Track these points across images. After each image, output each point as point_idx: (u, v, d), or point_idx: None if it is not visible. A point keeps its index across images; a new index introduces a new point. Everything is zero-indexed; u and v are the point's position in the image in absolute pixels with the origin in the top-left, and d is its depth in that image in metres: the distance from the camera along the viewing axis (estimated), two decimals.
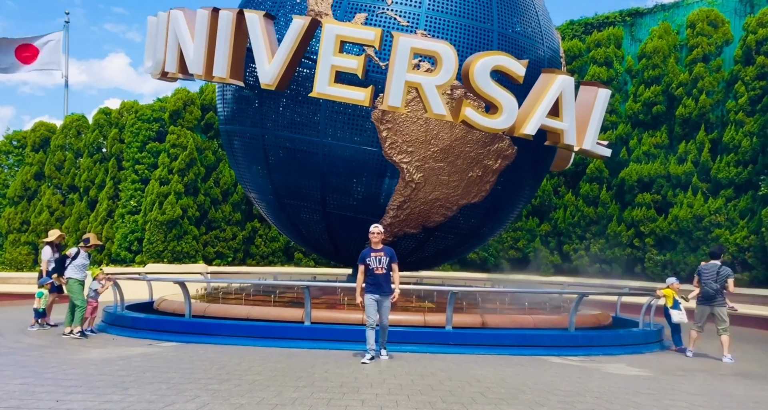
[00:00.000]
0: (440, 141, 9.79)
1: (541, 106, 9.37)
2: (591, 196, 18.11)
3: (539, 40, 10.74)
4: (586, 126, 9.99)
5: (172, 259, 18.89)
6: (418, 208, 10.35)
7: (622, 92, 18.52)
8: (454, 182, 10.17)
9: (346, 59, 8.95)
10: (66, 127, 22.05)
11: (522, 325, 9.53)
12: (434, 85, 8.84)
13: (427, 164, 9.92)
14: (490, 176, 10.34)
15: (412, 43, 8.84)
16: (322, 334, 8.83)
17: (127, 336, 9.54)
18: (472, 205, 10.69)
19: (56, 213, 21.23)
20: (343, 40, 8.96)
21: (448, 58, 8.75)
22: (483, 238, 12.29)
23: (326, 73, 8.92)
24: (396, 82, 8.87)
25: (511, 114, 9.16)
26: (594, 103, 10.06)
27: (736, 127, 15.63)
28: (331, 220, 10.82)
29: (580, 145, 10.06)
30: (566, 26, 19.99)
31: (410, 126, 9.69)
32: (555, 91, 9.41)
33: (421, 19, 9.65)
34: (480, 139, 9.94)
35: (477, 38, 9.80)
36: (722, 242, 15.18)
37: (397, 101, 8.94)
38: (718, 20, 16.75)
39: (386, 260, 7.83)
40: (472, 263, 19.80)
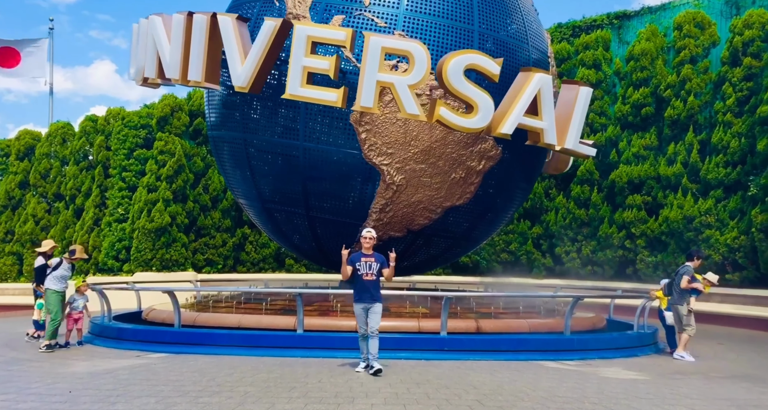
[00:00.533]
0: (420, 142, 9.65)
1: (518, 105, 9.25)
2: (582, 198, 18.11)
3: (523, 40, 10.58)
4: (567, 125, 9.84)
5: (160, 267, 18.63)
6: (401, 211, 10.21)
7: (611, 94, 18.57)
8: (436, 184, 10.03)
9: (317, 60, 8.87)
10: (51, 134, 21.74)
11: (517, 330, 9.44)
12: (407, 84, 8.75)
13: (408, 166, 9.78)
14: (474, 178, 10.20)
15: (383, 43, 8.76)
16: (315, 342, 8.68)
17: (115, 347, 9.31)
18: (461, 208, 10.56)
19: (42, 222, 20.89)
20: (314, 42, 8.89)
21: (420, 58, 8.67)
22: (475, 242, 12.17)
23: (298, 75, 8.85)
24: (368, 82, 8.77)
25: (487, 113, 9.03)
26: (575, 102, 9.89)
27: (725, 128, 15.71)
28: (315, 225, 10.72)
29: (562, 145, 9.90)
30: (554, 29, 20.04)
31: (389, 127, 9.55)
32: (532, 90, 9.29)
33: (399, 20, 9.57)
34: (461, 139, 9.79)
35: (457, 38, 9.66)
36: (713, 242, 15.23)
37: (370, 101, 8.83)
38: (705, 22, 16.86)
39: (376, 266, 7.45)
40: (465, 267, 19.72)
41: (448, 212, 10.54)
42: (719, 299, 14.92)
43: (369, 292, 7.38)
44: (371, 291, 7.40)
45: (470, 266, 19.74)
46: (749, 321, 13.72)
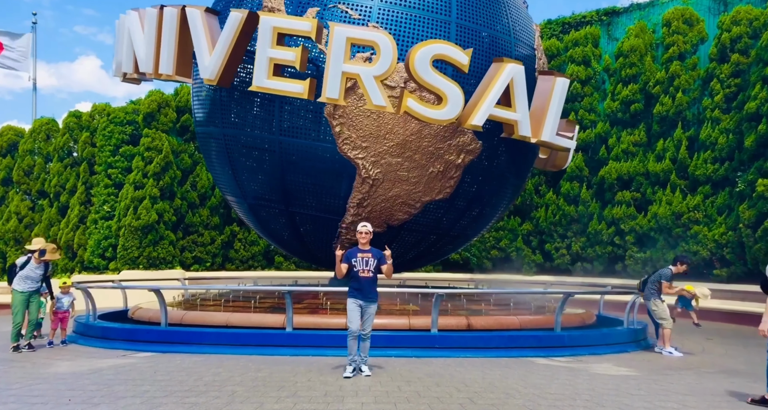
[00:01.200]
0: (395, 135, 9.51)
1: (489, 96, 9.11)
2: (572, 195, 18.13)
3: (505, 32, 10.33)
4: (544, 117, 9.65)
5: (147, 265, 18.40)
6: (379, 206, 10.06)
7: (600, 91, 18.60)
8: (414, 178, 9.87)
9: (283, 51, 8.77)
10: (35, 131, 21.37)
11: (508, 327, 9.39)
12: (373, 75, 8.64)
13: (384, 159, 9.64)
14: (454, 172, 10.03)
15: (348, 33, 8.66)
16: (305, 340, 8.58)
17: (100, 347, 9.15)
18: (442, 203, 10.39)
19: (25, 219, 20.54)
20: (280, 33, 8.78)
21: (386, 48, 8.57)
22: (462, 238, 11.97)
23: (264, 66, 8.78)
24: (333, 74, 8.67)
25: (456, 105, 8.91)
26: (551, 93, 9.68)
27: (713, 125, 15.77)
28: (295, 220, 10.65)
29: (538, 137, 9.70)
30: (544, 25, 20.02)
31: (363, 120, 9.41)
32: (503, 80, 9.12)
33: (374, 12, 9.43)
34: (438, 133, 9.63)
35: (433, 30, 9.48)
36: (701, 238, 15.30)
37: (335, 93, 8.75)
38: (693, 19, 16.91)
39: (374, 262, 7.10)
40: (455, 264, 19.68)
41: (428, 207, 10.35)
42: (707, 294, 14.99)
43: (366, 290, 7.08)
44: (368, 289, 7.10)
45: (460, 263, 19.71)
46: (737, 316, 13.80)
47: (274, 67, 8.81)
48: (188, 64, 9.60)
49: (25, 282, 8.98)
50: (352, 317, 7.09)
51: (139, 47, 9.80)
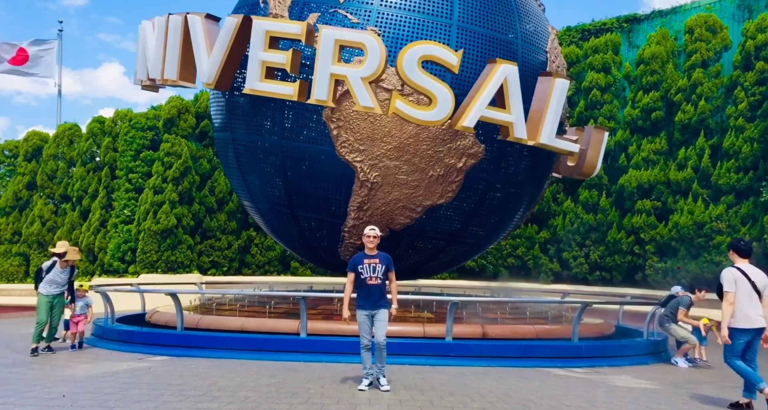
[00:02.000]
0: (393, 138, 9.41)
1: (481, 97, 8.93)
2: (590, 203, 17.91)
3: (511, 34, 10.03)
4: (542, 119, 9.42)
5: (166, 269, 18.58)
6: (379, 210, 9.96)
7: (621, 98, 18.39)
8: (414, 182, 9.74)
9: (275, 54, 8.88)
10: (59, 136, 21.79)
11: (524, 336, 9.28)
12: (360, 76, 8.63)
13: (382, 163, 9.55)
14: (455, 176, 9.82)
15: (336, 35, 8.68)
16: (319, 347, 8.57)
17: (117, 350, 9.24)
18: (446, 207, 10.17)
19: (48, 223, 20.91)
20: (273, 36, 8.91)
21: (374, 49, 8.56)
22: (472, 245, 11.58)
23: (256, 69, 8.93)
24: (321, 75, 8.71)
25: (445, 106, 8.78)
26: (550, 94, 9.42)
27: (737, 133, 15.49)
28: (300, 224, 10.73)
29: (535, 140, 9.45)
30: (563, 33, 19.88)
31: (360, 123, 9.37)
32: (496, 81, 8.93)
33: (373, 16, 9.41)
34: (436, 135, 9.47)
35: (433, 33, 9.36)
36: (724, 249, 14.98)
37: (323, 94, 8.78)
38: (717, 26, 16.66)
39: (381, 268, 6.73)
40: (471, 271, 19.54)
41: (439, 213, 10.16)
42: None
43: (373, 298, 6.69)
44: (376, 296, 6.70)
45: (476, 270, 19.57)
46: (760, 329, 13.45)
47: (267, 70, 8.97)
48: (192, 70, 9.89)
49: (50, 286, 9.09)
50: (363, 330, 6.73)
51: (149, 54, 10.16)
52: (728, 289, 6.25)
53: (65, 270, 9.21)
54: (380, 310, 6.69)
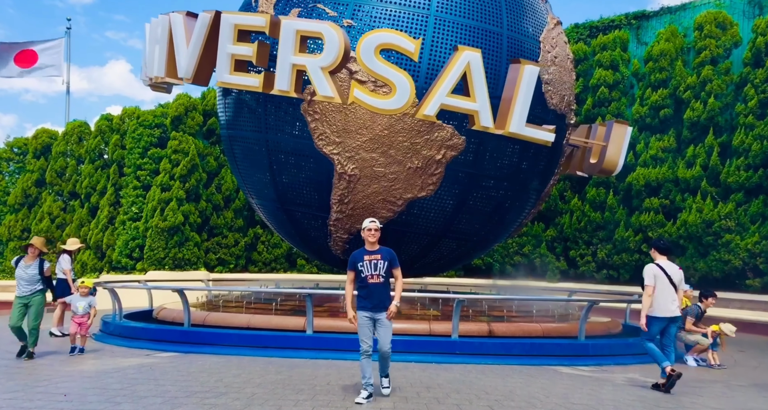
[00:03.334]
0: (367, 130, 9.39)
1: (441, 86, 8.83)
2: (597, 201, 17.82)
3: (495, 24, 9.75)
4: (511, 106, 9.21)
5: (173, 266, 18.66)
6: (361, 203, 9.93)
7: (629, 96, 18.26)
8: (392, 174, 9.66)
9: (242, 47, 9.01)
10: (67, 133, 21.90)
11: (530, 334, 9.25)
12: (319, 66, 8.65)
13: (359, 155, 9.54)
14: (435, 168, 9.67)
15: (296, 26, 8.74)
16: (325, 344, 8.58)
17: (125, 346, 9.29)
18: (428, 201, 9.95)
19: (57, 220, 21.03)
20: (240, 29, 9.01)
21: (332, 39, 8.55)
22: (470, 243, 11.29)
23: (225, 62, 9.08)
24: (283, 65, 8.77)
25: (404, 94, 8.71)
26: (519, 81, 9.18)
27: (746, 131, 15.34)
28: (292, 218, 10.87)
29: (504, 128, 9.22)
30: (571, 29, 19.77)
31: (336, 115, 9.40)
32: (458, 69, 8.77)
33: (350, 9, 9.53)
34: (412, 127, 9.36)
35: (409, 24, 9.33)
36: (733, 247, 14.88)
37: (285, 84, 8.83)
38: (726, 22, 16.50)
39: (384, 265, 6.15)
40: (477, 269, 19.51)
41: (412, 205, 9.96)
42: (739, 305, 14.58)
43: (376, 298, 6.09)
44: (379, 296, 6.10)
45: (483, 268, 19.53)
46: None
47: (237, 63, 9.10)
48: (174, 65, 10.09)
49: (20, 285, 8.18)
50: (363, 333, 6.12)
51: (146, 53, 10.47)
52: (648, 283, 7.19)
53: (31, 265, 8.25)
54: (384, 313, 6.13)
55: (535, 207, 11.65)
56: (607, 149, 11.78)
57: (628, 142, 12.17)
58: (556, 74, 10.18)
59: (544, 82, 9.91)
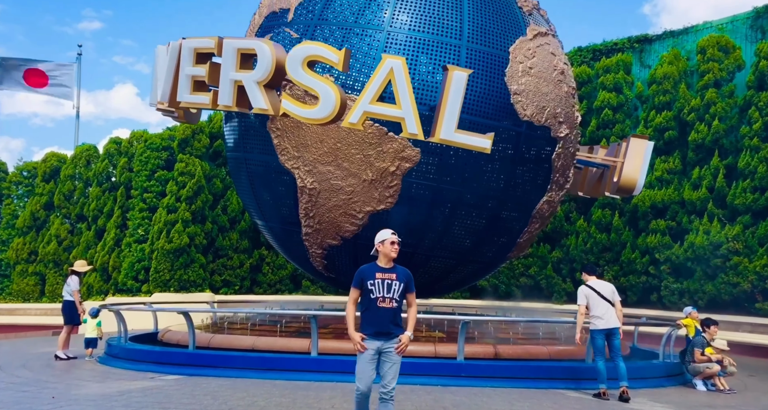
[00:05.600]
0: (323, 143, 9.61)
1: (365, 94, 8.89)
2: (603, 223, 17.77)
3: (454, 36, 9.71)
4: (440, 113, 9.02)
5: (178, 288, 18.66)
6: (325, 216, 10.01)
7: (633, 118, 18.36)
8: (349, 187, 9.73)
9: (198, 68, 9.41)
10: (76, 157, 22.14)
11: (536, 356, 9.17)
12: (253, 80, 8.94)
13: (316, 168, 9.72)
14: (390, 180, 9.63)
15: (236, 44, 9.11)
16: (330, 366, 8.53)
17: (129, 369, 9.26)
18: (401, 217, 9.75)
19: (64, 242, 21.14)
20: (199, 53, 9.42)
21: (263, 54, 8.87)
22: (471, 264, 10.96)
23: (185, 83, 9.50)
24: (224, 81, 9.14)
25: (328, 103, 8.75)
26: (447, 87, 8.99)
27: (752, 153, 15.35)
28: (274, 235, 11.27)
29: (436, 135, 9.02)
30: (574, 52, 19.99)
31: (294, 130, 9.74)
32: (381, 76, 8.79)
33: (310, 30, 10.04)
34: (363, 139, 9.45)
35: (363, 41, 9.68)
36: (741, 270, 14.75)
37: (227, 99, 9.12)
38: (729, 46, 16.64)
39: (399, 288, 5.19)
40: (483, 290, 19.40)
41: (374, 218, 9.81)
42: (750, 329, 14.40)
43: (385, 326, 5.13)
44: (389, 323, 5.14)
45: (489, 289, 19.42)
46: None
47: (195, 83, 9.48)
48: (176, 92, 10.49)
49: None
50: (363, 370, 5.14)
51: (153, 81, 10.97)
52: (580, 303, 8.12)
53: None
54: (393, 344, 5.15)
55: (529, 227, 10.89)
56: (624, 166, 11.28)
57: (648, 158, 11.62)
58: (530, 85, 9.88)
59: (512, 92, 9.69)
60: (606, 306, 7.98)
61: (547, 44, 10.53)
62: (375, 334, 5.12)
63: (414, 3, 9.94)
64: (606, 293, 8.02)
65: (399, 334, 5.17)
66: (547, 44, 10.55)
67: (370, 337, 5.13)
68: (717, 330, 9.53)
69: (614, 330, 7.96)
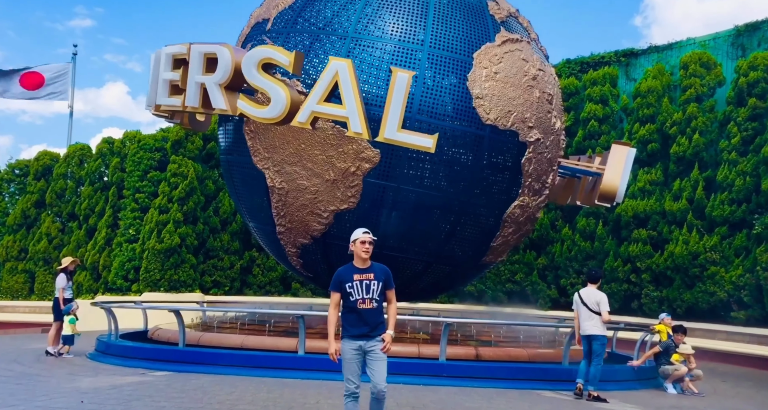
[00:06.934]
0: (289, 144, 10.03)
1: (312, 94, 9.18)
2: (588, 231, 18.20)
3: (415, 42, 10.02)
4: (385, 113, 9.21)
5: (168, 288, 18.83)
6: (295, 216, 10.37)
7: (618, 129, 18.83)
8: (313, 187, 10.07)
9: (173, 73, 9.83)
10: (69, 155, 22.28)
11: (516, 358, 9.50)
12: (213, 82, 9.35)
13: (284, 168, 10.14)
14: (352, 180, 9.91)
15: (200, 49, 9.50)
16: (316, 364, 8.80)
17: (120, 365, 9.48)
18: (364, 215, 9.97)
19: (55, 241, 21.26)
20: (175, 58, 9.82)
21: (224, 57, 9.27)
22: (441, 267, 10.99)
23: (163, 87, 9.90)
24: (191, 84, 9.55)
25: (278, 103, 9.08)
26: (391, 88, 9.19)
27: (730, 167, 15.84)
28: (261, 235, 11.72)
29: (380, 135, 9.19)
30: (563, 64, 20.47)
31: (265, 132, 10.19)
32: (328, 77, 9.07)
33: (282, 37, 10.62)
34: (324, 140, 9.79)
35: (329, 47, 10.11)
36: (718, 279, 15.20)
37: (194, 101, 9.51)
38: (711, 62, 17.17)
39: (378, 287, 5.19)
40: (470, 295, 19.75)
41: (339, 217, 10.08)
42: (724, 337, 14.83)
43: (366, 327, 5.15)
44: (371, 323, 5.16)
45: (475, 294, 19.77)
46: (754, 360, 13.61)
47: (172, 87, 9.88)
48: None
49: None
50: (350, 370, 5.19)
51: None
52: (574, 309, 8.74)
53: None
54: (377, 343, 5.16)
55: (502, 231, 10.70)
56: (605, 172, 11.19)
57: (630, 165, 11.45)
58: (494, 90, 9.98)
59: (474, 96, 9.85)
60: (588, 314, 8.45)
61: (518, 50, 10.56)
62: (357, 336, 5.16)
63: (381, 12, 10.27)
64: (590, 303, 8.49)
65: (381, 333, 5.21)
66: (519, 50, 10.56)
67: (352, 338, 5.17)
68: (683, 338, 9.89)
69: (591, 336, 8.46)
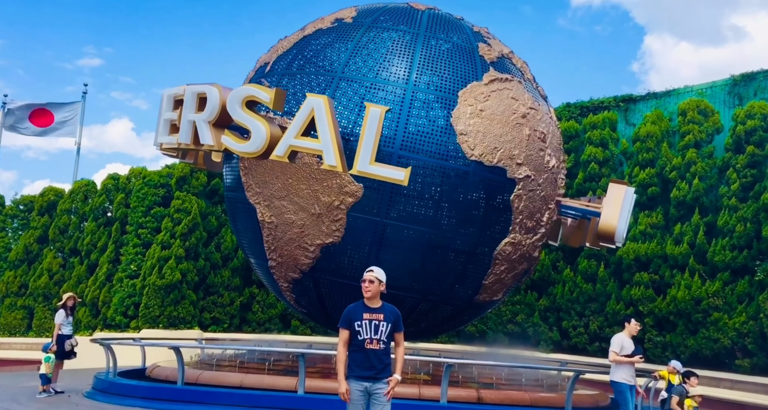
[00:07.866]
0: (278, 179, 10.25)
1: (289, 129, 9.48)
2: (589, 273, 18.13)
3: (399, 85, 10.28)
4: (358, 146, 9.40)
5: (167, 325, 18.65)
6: (285, 250, 10.48)
7: (618, 172, 19.04)
8: (300, 220, 10.20)
9: (173, 113, 10.35)
10: (74, 191, 22.46)
11: (518, 402, 9.37)
12: (203, 119, 9.77)
13: (273, 203, 10.34)
14: (336, 214, 10.02)
15: (194, 89, 9.97)
16: (316, 405, 8.69)
17: (117, 404, 9.35)
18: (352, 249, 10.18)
19: (56, 276, 21.17)
20: (175, 99, 10.33)
21: (212, 96, 9.69)
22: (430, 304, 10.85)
23: (163, 126, 10.45)
24: (184, 122, 9.99)
25: (258, 138, 9.39)
26: (365, 122, 9.40)
27: (730, 212, 15.92)
28: (260, 270, 11.83)
29: (354, 168, 9.34)
30: (563, 108, 20.86)
31: (257, 168, 10.46)
32: (305, 113, 9.34)
33: (276, 78, 11.09)
34: (310, 175, 10.01)
35: (317, 87, 10.50)
36: (721, 326, 15.05)
37: (186, 138, 9.94)
38: (708, 110, 17.51)
39: (387, 328, 5.19)
40: (471, 336, 19.53)
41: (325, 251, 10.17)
42: (730, 385, 14.59)
43: (373, 368, 5.14)
44: (378, 364, 5.15)
45: (476, 335, 19.55)
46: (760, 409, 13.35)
47: (172, 127, 10.36)
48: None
49: None
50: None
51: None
52: None
53: None
54: (382, 386, 5.18)
55: (493, 268, 10.56)
56: (602, 211, 11.01)
57: (629, 204, 11.17)
58: (479, 126, 10.09)
59: (458, 132, 10.00)
60: None
61: (507, 89, 10.69)
62: (363, 376, 5.15)
63: (368, 54, 10.70)
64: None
65: (387, 376, 5.21)
66: (508, 89, 10.70)
67: (358, 379, 5.15)
68: (697, 382, 9.77)
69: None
